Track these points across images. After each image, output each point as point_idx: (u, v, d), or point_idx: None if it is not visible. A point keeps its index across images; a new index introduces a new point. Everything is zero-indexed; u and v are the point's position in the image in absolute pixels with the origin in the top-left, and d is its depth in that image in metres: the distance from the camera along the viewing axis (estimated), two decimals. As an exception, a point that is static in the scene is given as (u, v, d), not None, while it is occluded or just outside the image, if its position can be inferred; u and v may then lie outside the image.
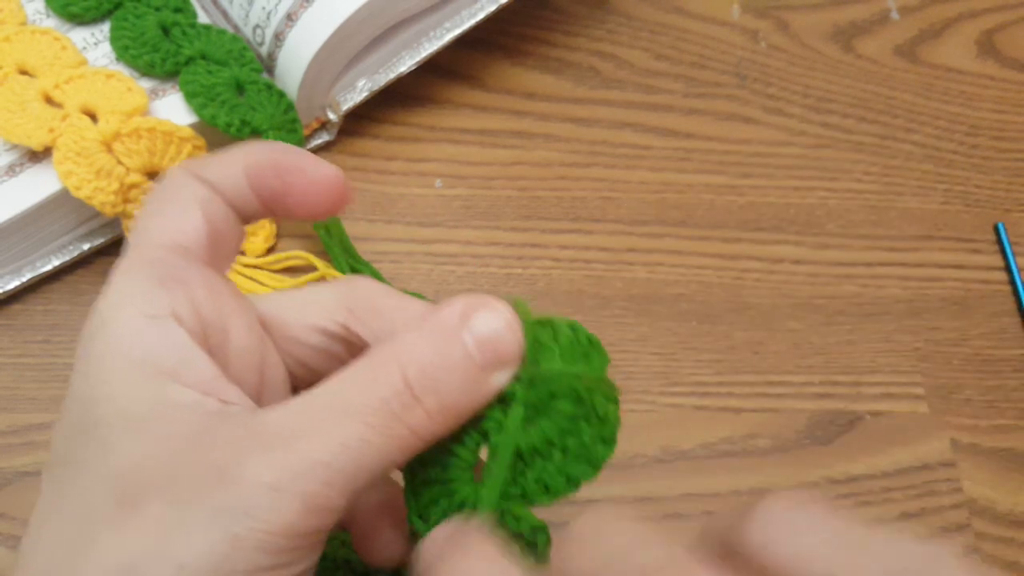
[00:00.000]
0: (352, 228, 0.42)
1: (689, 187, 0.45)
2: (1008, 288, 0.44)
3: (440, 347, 0.21)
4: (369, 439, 0.20)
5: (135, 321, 0.21)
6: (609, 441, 0.22)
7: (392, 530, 0.26)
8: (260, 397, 0.23)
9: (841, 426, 0.40)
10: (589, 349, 0.23)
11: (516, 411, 0.22)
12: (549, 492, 0.22)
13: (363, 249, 0.41)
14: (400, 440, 0.20)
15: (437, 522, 0.23)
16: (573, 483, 0.22)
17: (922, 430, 0.40)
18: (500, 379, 0.22)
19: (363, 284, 0.25)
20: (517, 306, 0.22)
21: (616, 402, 0.22)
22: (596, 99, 0.47)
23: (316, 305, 0.24)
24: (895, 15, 0.51)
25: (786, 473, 0.38)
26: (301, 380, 0.25)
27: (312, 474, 0.19)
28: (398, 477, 0.24)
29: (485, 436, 0.22)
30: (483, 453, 0.23)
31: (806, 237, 0.44)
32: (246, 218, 0.25)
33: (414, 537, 0.23)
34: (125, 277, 0.22)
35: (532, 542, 0.23)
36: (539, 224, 0.43)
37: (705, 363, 0.41)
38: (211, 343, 0.22)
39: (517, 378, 0.22)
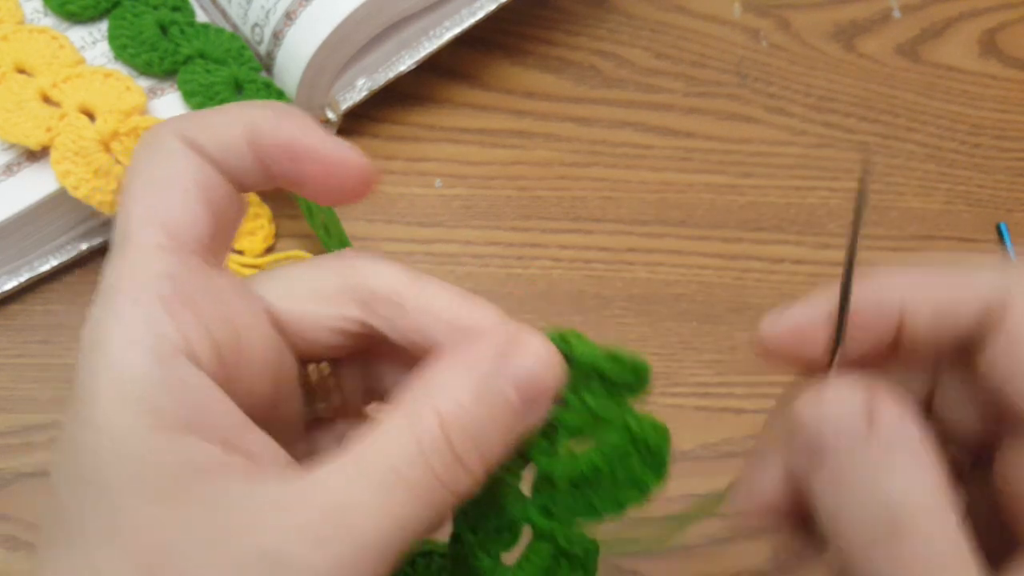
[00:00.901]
0: (352, 228, 0.42)
1: (690, 187, 0.45)
2: (1010, 288, 0.44)
3: (480, 397, 0.20)
4: (417, 512, 0.19)
5: (143, 361, 0.18)
6: (660, 470, 0.22)
7: None
8: (274, 405, 0.22)
9: (842, 427, 0.40)
10: (632, 369, 0.22)
11: (563, 442, 0.22)
12: (597, 514, 0.22)
13: (362, 249, 0.41)
14: (444, 505, 0.20)
15: (488, 535, 0.23)
16: (621, 507, 0.22)
17: (924, 431, 0.40)
18: (539, 416, 0.21)
19: (374, 269, 0.22)
20: (557, 337, 0.21)
21: (666, 434, 0.22)
22: (596, 98, 0.47)
23: (330, 302, 0.22)
24: (897, 14, 0.51)
25: (787, 474, 0.38)
26: (306, 357, 0.24)
27: (367, 557, 0.18)
28: None
29: (527, 460, 0.22)
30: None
31: (807, 237, 0.44)
32: (245, 188, 0.22)
33: (455, 540, 0.23)
34: (125, 299, 0.19)
35: (583, 560, 0.23)
36: (539, 224, 0.43)
37: (706, 363, 0.40)
38: (226, 367, 0.19)
39: (561, 401, 0.21)
